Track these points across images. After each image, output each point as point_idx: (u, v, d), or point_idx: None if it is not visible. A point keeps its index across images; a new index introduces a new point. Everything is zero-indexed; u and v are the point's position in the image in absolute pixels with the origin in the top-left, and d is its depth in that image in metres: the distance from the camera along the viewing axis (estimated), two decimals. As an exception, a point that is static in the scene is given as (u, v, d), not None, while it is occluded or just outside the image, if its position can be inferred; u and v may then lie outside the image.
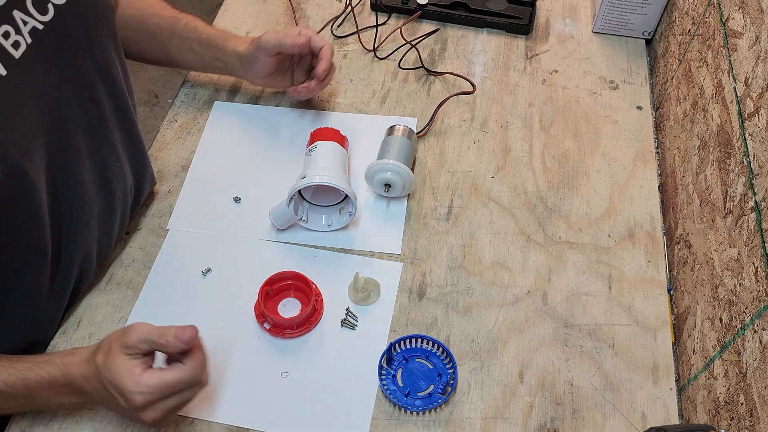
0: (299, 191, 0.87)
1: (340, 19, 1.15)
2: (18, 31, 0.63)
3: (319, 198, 0.90)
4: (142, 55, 0.99)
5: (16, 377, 0.67)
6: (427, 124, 0.99)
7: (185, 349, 0.65)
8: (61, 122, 0.69)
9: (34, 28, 0.64)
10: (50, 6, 0.66)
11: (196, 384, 0.67)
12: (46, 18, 0.66)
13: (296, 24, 1.14)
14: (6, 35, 0.62)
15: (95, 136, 0.76)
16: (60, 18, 0.67)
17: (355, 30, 1.12)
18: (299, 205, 0.88)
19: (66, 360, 0.68)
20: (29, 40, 0.64)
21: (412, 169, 0.95)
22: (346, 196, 0.85)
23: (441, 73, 1.07)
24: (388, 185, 0.89)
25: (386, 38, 1.11)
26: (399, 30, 1.09)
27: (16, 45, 0.62)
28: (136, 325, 0.66)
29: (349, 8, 1.15)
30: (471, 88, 1.02)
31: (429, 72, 1.07)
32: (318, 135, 0.91)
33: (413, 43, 1.08)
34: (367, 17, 1.16)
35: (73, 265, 0.77)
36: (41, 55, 0.65)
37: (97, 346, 0.67)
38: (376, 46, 1.10)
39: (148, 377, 0.63)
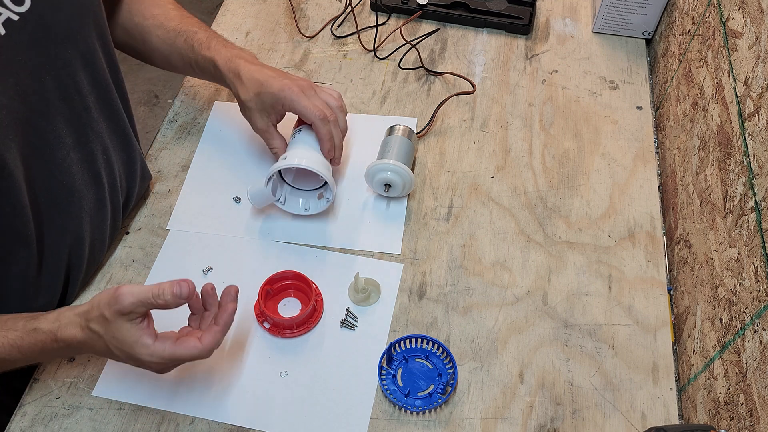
0: (280, 173, 0.88)
1: (340, 19, 1.15)
2: None
3: (300, 182, 0.90)
4: (155, 64, 0.96)
5: (10, 347, 0.68)
6: (427, 124, 0.99)
7: (184, 303, 0.66)
8: (41, 113, 0.69)
9: (8, 19, 0.63)
10: None
11: (207, 356, 0.69)
12: (22, 9, 0.65)
13: (296, 24, 1.14)
14: None
15: (81, 127, 0.75)
16: (37, 9, 0.66)
17: (355, 30, 1.12)
18: (279, 186, 0.89)
19: (53, 326, 0.68)
20: (2, 31, 0.63)
21: (412, 169, 0.95)
22: (326, 182, 0.86)
23: (441, 73, 1.07)
24: (388, 185, 0.89)
25: (386, 38, 1.11)
26: (399, 30, 1.09)
27: None
28: (123, 288, 0.64)
29: (349, 8, 1.15)
30: (471, 88, 1.02)
31: (429, 72, 1.07)
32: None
33: (413, 43, 1.08)
34: (367, 17, 1.16)
35: (61, 256, 0.77)
36: (16, 46, 0.65)
37: (85, 314, 0.67)
38: (376, 46, 1.10)
39: (161, 348, 0.66)
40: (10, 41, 0.64)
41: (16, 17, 0.64)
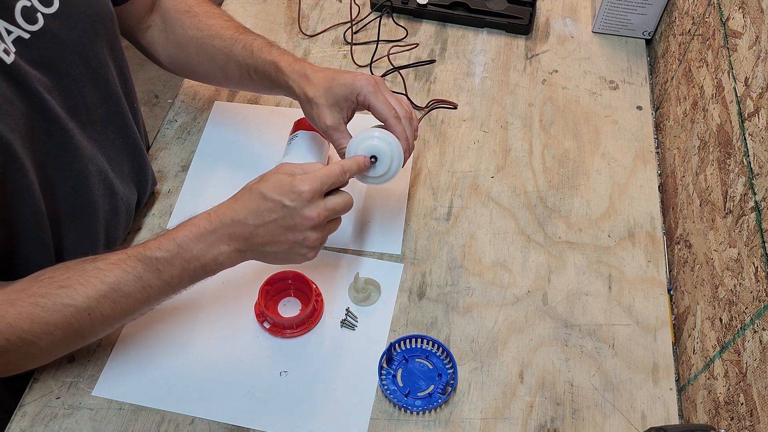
0: None
1: (347, 25, 1.14)
2: (2, 40, 0.63)
3: None
4: (208, 80, 0.94)
5: (168, 240, 0.69)
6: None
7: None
8: (57, 125, 0.69)
9: (18, 37, 0.64)
10: (39, 15, 0.66)
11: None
12: (35, 27, 0.66)
13: (299, 23, 1.14)
14: None
15: (92, 140, 0.76)
16: (50, 26, 0.67)
17: (354, 42, 1.11)
18: None
19: (212, 214, 0.72)
20: (14, 49, 0.64)
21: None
22: None
23: (422, 108, 1.03)
24: (374, 158, 0.77)
25: (380, 58, 1.09)
26: (387, 56, 1.07)
27: (6, 52, 0.63)
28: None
29: (357, 15, 1.14)
30: (453, 105, 1.03)
31: (413, 104, 1.03)
32: (300, 124, 0.92)
33: (401, 69, 1.07)
34: (372, 23, 1.16)
35: None
36: (28, 64, 0.65)
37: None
38: (372, 60, 1.08)
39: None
40: (23, 58, 0.64)
41: (27, 35, 0.65)
